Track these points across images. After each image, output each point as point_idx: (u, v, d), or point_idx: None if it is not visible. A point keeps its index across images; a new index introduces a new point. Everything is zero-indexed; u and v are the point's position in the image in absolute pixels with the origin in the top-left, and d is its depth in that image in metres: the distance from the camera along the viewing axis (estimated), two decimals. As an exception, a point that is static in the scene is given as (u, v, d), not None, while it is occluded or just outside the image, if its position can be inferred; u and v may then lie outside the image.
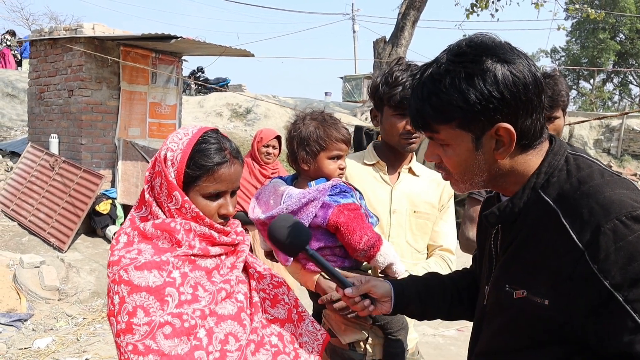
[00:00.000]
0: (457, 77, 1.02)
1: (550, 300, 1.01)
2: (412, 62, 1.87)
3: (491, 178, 1.11)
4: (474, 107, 1.01)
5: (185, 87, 16.18)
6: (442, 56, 1.07)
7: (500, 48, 1.03)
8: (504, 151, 1.05)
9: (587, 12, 12.14)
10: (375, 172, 1.92)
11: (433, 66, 1.07)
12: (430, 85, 1.05)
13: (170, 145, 1.28)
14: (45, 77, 7.54)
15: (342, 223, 1.59)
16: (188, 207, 1.26)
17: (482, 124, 1.03)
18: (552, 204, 1.03)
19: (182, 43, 6.87)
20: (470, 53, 1.03)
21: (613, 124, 14.90)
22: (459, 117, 1.03)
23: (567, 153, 1.10)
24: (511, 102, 1.01)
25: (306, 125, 1.73)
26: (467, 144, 1.06)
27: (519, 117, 1.03)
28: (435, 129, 1.09)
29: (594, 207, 0.97)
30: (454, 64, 1.03)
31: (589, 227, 0.96)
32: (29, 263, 5.26)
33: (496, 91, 1.00)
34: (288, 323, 1.43)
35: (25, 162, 7.35)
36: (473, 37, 1.07)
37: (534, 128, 1.06)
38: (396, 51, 11.43)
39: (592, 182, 1.01)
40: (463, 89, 1.01)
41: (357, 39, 33.22)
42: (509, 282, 1.09)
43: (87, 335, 4.58)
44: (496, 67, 1.00)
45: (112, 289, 1.18)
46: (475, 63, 1.01)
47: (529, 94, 1.02)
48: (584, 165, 1.06)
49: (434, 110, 1.05)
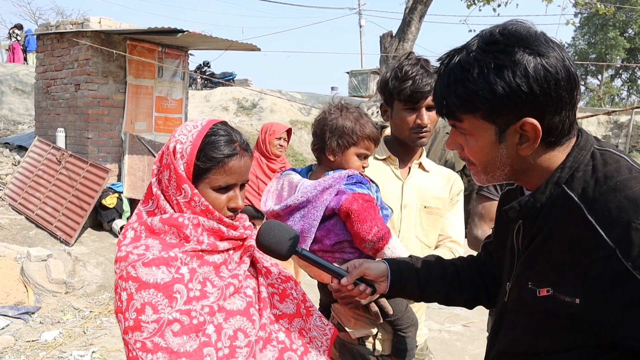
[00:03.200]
0: (486, 67, 0.98)
1: (581, 299, 0.98)
2: (422, 56, 1.85)
3: (513, 172, 1.08)
4: (501, 99, 0.98)
5: (191, 82, 16.19)
6: (472, 43, 1.03)
7: (535, 39, 0.99)
8: (527, 147, 1.02)
9: (596, 7, 12.02)
10: (387, 167, 1.91)
11: (462, 53, 1.03)
12: (458, 72, 1.02)
13: (179, 138, 1.26)
14: (52, 71, 7.55)
15: (354, 210, 1.58)
16: (197, 200, 1.24)
17: (508, 117, 1.00)
18: (577, 200, 1.00)
19: (188, 37, 6.85)
20: (502, 42, 0.99)
21: (621, 120, 14.78)
22: (483, 108, 1.00)
23: (594, 148, 1.06)
24: (540, 97, 0.97)
25: (344, 117, 1.70)
26: (490, 135, 1.04)
27: (547, 113, 0.99)
28: (459, 118, 1.06)
29: (622, 202, 0.93)
30: (484, 53, 1.00)
31: (618, 223, 0.93)
32: (36, 256, 5.29)
33: (525, 85, 0.96)
34: (297, 318, 1.41)
35: (33, 156, 7.37)
36: (507, 24, 1.03)
37: (562, 125, 1.02)
38: (403, 46, 11.37)
39: (620, 177, 0.97)
40: (491, 80, 0.98)
41: (364, 33, 33.14)
42: (532, 279, 1.07)
43: (93, 328, 4.60)
44: (528, 59, 0.96)
45: (119, 285, 1.16)
46: (506, 53, 0.97)
47: (559, 90, 0.98)
48: (610, 160, 1.02)
49: (458, 99, 1.02)
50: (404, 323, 1.73)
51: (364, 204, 1.59)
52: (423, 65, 1.78)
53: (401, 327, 1.73)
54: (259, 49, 7.89)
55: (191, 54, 9.23)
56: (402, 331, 1.74)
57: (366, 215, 1.58)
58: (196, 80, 17.36)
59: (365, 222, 1.57)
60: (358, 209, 1.58)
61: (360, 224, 1.58)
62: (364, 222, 1.57)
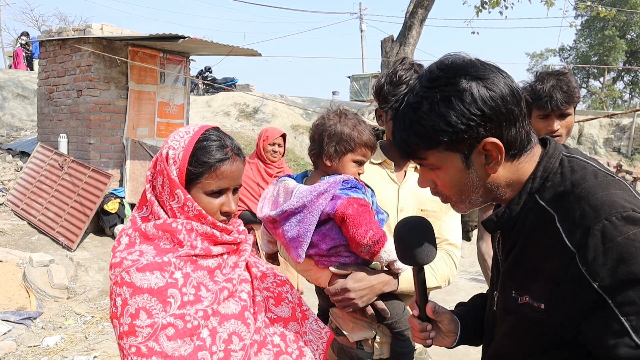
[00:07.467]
0: (434, 102, 1.02)
1: (545, 304, 1.01)
2: (416, 61, 1.86)
3: (488, 192, 1.11)
4: (457, 127, 1.01)
5: (193, 87, 16.24)
6: (415, 85, 1.08)
7: (472, 66, 1.04)
8: (495, 164, 1.06)
9: (597, 9, 12.01)
10: (382, 170, 1.91)
11: (409, 95, 1.07)
12: (411, 113, 1.05)
13: (171, 144, 1.28)
14: (54, 77, 7.60)
15: (349, 215, 1.59)
16: (190, 205, 1.25)
17: (469, 142, 1.03)
18: (548, 208, 1.03)
19: (190, 43, 6.89)
20: (444, 76, 1.03)
21: (623, 122, 14.74)
22: (444, 140, 1.03)
23: (562, 155, 1.09)
24: (492, 116, 1.01)
25: (342, 123, 1.71)
26: (457, 164, 1.07)
27: (503, 128, 1.03)
28: (423, 156, 1.09)
29: (585, 208, 0.97)
30: (429, 90, 1.04)
31: (580, 229, 0.96)
32: (39, 262, 5.30)
33: (475, 108, 1.00)
34: (292, 321, 1.42)
35: (35, 162, 7.41)
36: (443, 59, 1.08)
37: (519, 137, 1.06)
38: (404, 50, 11.38)
39: (585, 184, 1.01)
40: (443, 112, 1.01)
41: (365, 38, 33.17)
42: (515, 288, 1.09)
43: (95, 334, 4.61)
44: (471, 84, 1.01)
45: (114, 291, 1.18)
46: (450, 85, 1.02)
47: (508, 105, 1.02)
48: (577, 167, 1.06)
49: (418, 137, 1.05)
50: (402, 326, 1.73)
51: (359, 208, 1.60)
52: (417, 70, 1.80)
53: (399, 330, 1.74)
54: (260, 54, 7.93)
55: (193, 60, 9.28)
56: (401, 334, 1.74)
57: (361, 220, 1.59)
58: (198, 86, 17.41)
59: (361, 227, 1.58)
60: (353, 214, 1.58)
61: (356, 228, 1.58)
62: (359, 227, 1.58)
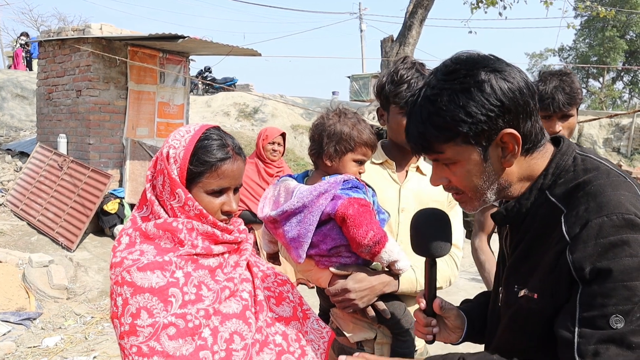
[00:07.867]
0: (454, 93, 1.03)
1: (538, 294, 1.02)
2: (417, 60, 1.85)
3: (501, 189, 1.12)
4: (477, 117, 1.02)
5: (192, 87, 16.24)
6: (431, 79, 1.08)
7: (488, 59, 1.06)
8: (511, 157, 1.06)
9: (597, 10, 12.02)
10: (384, 171, 1.91)
11: (425, 89, 1.08)
12: (429, 105, 1.06)
13: (172, 143, 1.27)
14: (53, 78, 7.59)
15: (350, 215, 1.58)
16: (191, 204, 1.25)
17: (487, 134, 1.04)
18: (559, 204, 1.04)
19: (189, 43, 6.89)
20: (462, 69, 1.04)
21: (623, 122, 14.74)
22: (463, 132, 1.04)
23: (575, 153, 1.10)
24: (511, 107, 1.02)
25: (342, 123, 1.70)
26: (475, 157, 1.07)
27: (520, 120, 1.04)
28: (439, 149, 1.08)
29: (590, 204, 0.98)
30: (448, 82, 1.04)
31: (580, 221, 0.97)
32: (38, 262, 5.30)
33: (495, 99, 1.01)
34: (293, 321, 1.42)
35: (34, 162, 7.40)
36: (458, 54, 1.09)
37: (534, 130, 1.07)
38: (404, 50, 11.38)
39: (596, 182, 1.01)
40: (463, 103, 1.02)
41: (365, 38, 33.16)
42: (517, 282, 1.09)
43: (95, 334, 4.61)
44: (490, 76, 1.02)
45: (115, 291, 1.17)
46: (469, 77, 1.03)
47: (525, 97, 1.04)
48: (590, 166, 1.06)
49: (437, 129, 1.05)
50: (402, 326, 1.73)
51: (359, 208, 1.59)
52: (418, 69, 1.79)
53: (400, 330, 1.73)
54: (260, 54, 7.93)
55: (192, 60, 9.27)
56: (401, 335, 1.74)
57: (362, 220, 1.58)
58: (197, 86, 17.42)
59: (361, 227, 1.58)
60: (354, 214, 1.58)
61: (356, 228, 1.58)
62: (359, 227, 1.58)
